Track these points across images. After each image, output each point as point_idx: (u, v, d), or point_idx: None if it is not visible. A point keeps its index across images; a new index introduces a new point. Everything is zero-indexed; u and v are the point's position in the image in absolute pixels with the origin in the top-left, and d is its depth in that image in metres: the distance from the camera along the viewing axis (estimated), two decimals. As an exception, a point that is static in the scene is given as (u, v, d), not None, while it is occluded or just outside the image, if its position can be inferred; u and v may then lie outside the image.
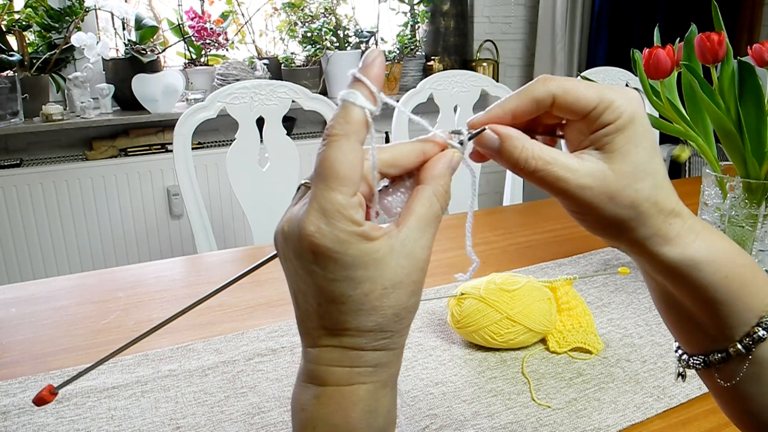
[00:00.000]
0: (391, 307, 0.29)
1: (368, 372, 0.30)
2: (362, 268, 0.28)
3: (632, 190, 0.31)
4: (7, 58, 1.91)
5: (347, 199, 0.28)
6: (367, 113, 0.29)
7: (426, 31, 2.73)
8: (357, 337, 0.29)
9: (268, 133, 1.33)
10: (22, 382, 0.60)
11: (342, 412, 0.30)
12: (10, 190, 1.96)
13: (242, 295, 0.81)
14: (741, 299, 0.32)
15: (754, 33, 2.73)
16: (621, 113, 0.31)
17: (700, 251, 0.32)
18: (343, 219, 0.28)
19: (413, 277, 0.30)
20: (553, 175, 0.31)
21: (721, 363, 0.33)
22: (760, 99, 0.63)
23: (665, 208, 0.32)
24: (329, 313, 0.29)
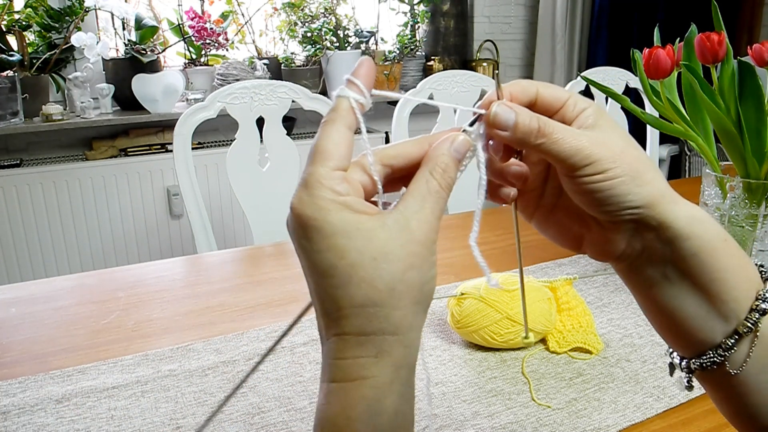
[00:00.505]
0: (381, 279, 0.28)
1: (370, 363, 0.29)
2: (345, 236, 0.28)
3: (633, 148, 0.33)
4: (7, 58, 1.91)
5: (327, 171, 0.29)
6: (352, 102, 0.31)
7: (426, 31, 2.73)
8: (351, 318, 0.28)
9: (268, 133, 1.33)
10: (22, 382, 0.60)
11: (344, 412, 0.29)
12: (10, 190, 1.96)
13: (242, 295, 0.81)
14: (740, 266, 0.33)
15: (754, 33, 2.73)
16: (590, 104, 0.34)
17: (701, 211, 0.33)
18: (322, 188, 0.29)
19: (408, 249, 0.29)
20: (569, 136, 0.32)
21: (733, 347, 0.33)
22: (760, 99, 0.63)
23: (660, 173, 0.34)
24: (323, 291, 0.29)
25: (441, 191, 0.31)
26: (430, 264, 0.30)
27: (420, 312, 0.30)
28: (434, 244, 0.30)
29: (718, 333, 0.33)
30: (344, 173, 0.30)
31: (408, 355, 0.30)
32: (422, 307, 0.30)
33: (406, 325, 0.29)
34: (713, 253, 0.32)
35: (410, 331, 0.30)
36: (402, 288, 0.29)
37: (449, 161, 0.32)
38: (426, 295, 0.30)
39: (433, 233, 0.30)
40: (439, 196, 0.31)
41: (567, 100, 0.34)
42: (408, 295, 0.29)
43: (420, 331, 0.31)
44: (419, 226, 0.30)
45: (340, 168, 0.30)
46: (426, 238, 0.30)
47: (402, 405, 0.30)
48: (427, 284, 0.30)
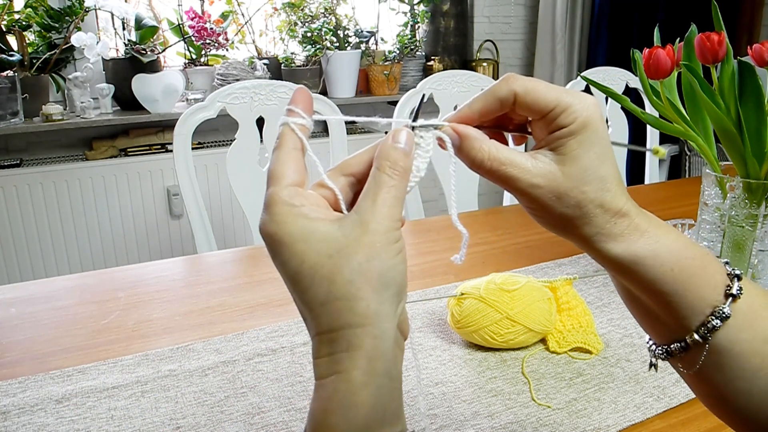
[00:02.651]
0: (339, 273, 0.29)
1: (342, 357, 0.29)
2: (303, 242, 0.30)
3: (579, 192, 0.33)
4: (7, 58, 1.91)
5: (281, 189, 0.31)
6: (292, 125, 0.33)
7: (426, 31, 2.73)
8: (321, 316, 0.30)
9: (268, 133, 1.33)
10: (22, 382, 0.60)
11: (322, 406, 0.30)
12: (10, 190, 1.96)
13: (242, 295, 0.81)
14: (690, 290, 0.33)
15: (754, 33, 2.73)
16: (576, 118, 0.33)
17: (643, 248, 0.33)
18: (277, 204, 0.31)
19: (362, 241, 0.30)
20: (506, 175, 0.34)
21: (681, 352, 0.34)
22: (760, 99, 0.63)
23: (611, 209, 0.33)
24: (297, 297, 0.31)
25: (391, 180, 0.32)
26: (390, 252, 0.30)
27: (386, 300, 0.30)
28: (393, 231, 0.31)
29: (669, 338, 0.35)
30: (297, 189, 0.32)
31: (380, 345, 0.30)
32: (388, 294, 0.30)
33: (372, 314, 0.30)
34: (655, 282, 0.33)
35: (379, 321, 0.30)
36: (360, 279, 0.30)
37: (394, 153, 0.33)
38: (390, 282, 0.30)
39: (388, 221, 0.31)
40: (389, 186, 0.32)
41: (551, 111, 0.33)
42: (368, 285, 0.30)
43: (393, 320, 0.31)
44: (372, 218, 0.31)
45: (293, 184, 0.32)
46: (381, 226, 0.31)
47: (380, 398, 0.30)
48: (390, 271, 0.30)
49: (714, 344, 0.33)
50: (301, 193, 0.32)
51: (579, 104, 0.33)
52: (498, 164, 0.34)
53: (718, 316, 0.33)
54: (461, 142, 0.35)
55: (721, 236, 0.70)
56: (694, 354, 0.34)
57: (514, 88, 0.34)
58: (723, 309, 0.33)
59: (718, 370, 0.34)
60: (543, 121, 0.34)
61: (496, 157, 0.34)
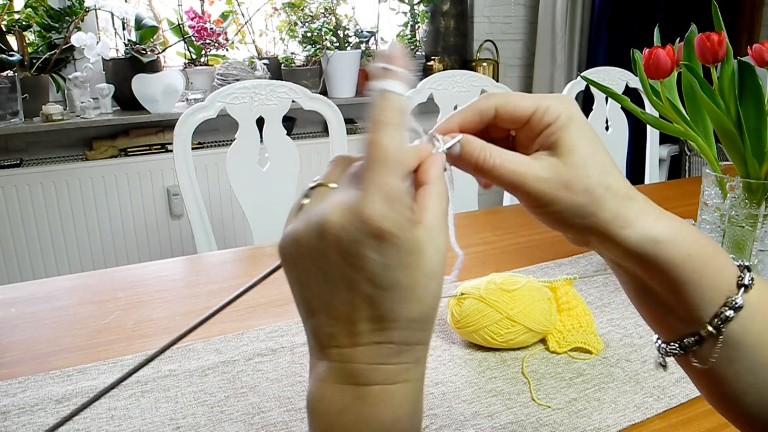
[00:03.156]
0: (432, 297, 0.30)
1: (410, 368, 0.30)
2: (413, 254, 0.29)
3: (584, 177, 0.33)
4: (7, 58, 1.91)
5: (401, 184, 0.29)
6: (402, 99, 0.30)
7: (426, 31, 2.73)
8: (404, 329, 0.29)
9: (268, 133, 1.33)
10: (22, 382, 0.60)
11: (391, 411, 0.30)
12: (10, 190, 1.96)
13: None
14: (706, 278, 0.33)
15: (754, 33, 2.73)
16: (559, 114, 0.34)
17: (661, 231, 0.33)
18: (401, 203, 0.28)
19: (442, 269, 0.30)
20: (510, 171, 0.33)
21: (695, 346, 0.34)
22: (760, 99, 0.63)
23: (619, 192, 0.33)
24: (381, 303, 0.29)
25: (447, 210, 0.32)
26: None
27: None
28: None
29: (681, 331, 0.35)
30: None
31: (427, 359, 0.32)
32: None
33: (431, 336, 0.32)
34: (671, 269, 0.33)
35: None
36: (437, 305, 0.30)
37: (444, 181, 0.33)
38: None
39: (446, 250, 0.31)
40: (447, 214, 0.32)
41: (533, 113, 0.34)
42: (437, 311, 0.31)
43: None
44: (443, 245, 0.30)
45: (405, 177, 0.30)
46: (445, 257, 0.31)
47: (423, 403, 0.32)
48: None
49: (727, 337, 0.33)
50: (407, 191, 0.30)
51: (557, 102, 0.34)
52: (501, 161, 0.34)
53: (731, 306, 0.33)
54: (463, 148, 0.35)
55: (721, 236, 0.70)
56: (708, 347, 0.34)
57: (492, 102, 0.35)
58: (736, 299, 0.33)
59: (729, 364, 0.34)
60: (527, 127, 0.35)
61: (499, 155, 0.34)
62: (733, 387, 0.34)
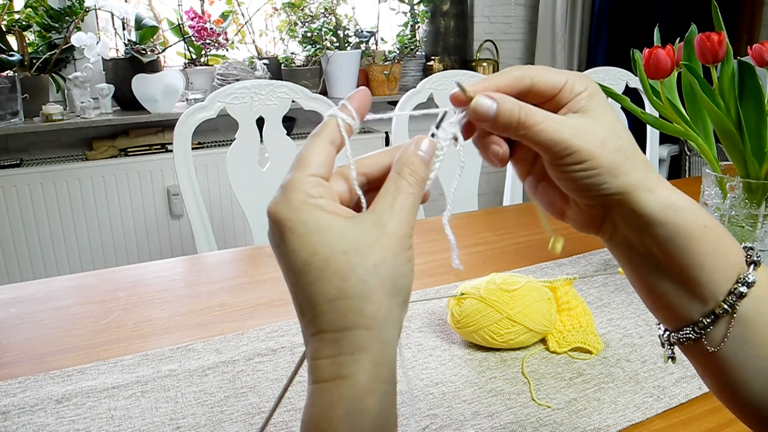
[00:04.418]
0: (353, 271, 0.29)
1: (348, 361, 0.29)
2: (317, 234, 0.29)
3: (617, 137, 0.34)
4: (7, 58, 1.91)
5: (303, 176, 0.31)
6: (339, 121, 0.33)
7: (426, 31, 2.73)
8: (327, 313, 0.29)
9: (268, 133, 1.33)
10: (22, 382, 0.60)
11: (325, 412, 0.29)
12: (10, 190, 1.96)
13: (242, 295, 0.81)
14: (720, 252, 0.33)
15: (754, 33, 2.73)
16: (587, 86, 0.35)
17: (680, 199, 0.34)
18: (296, 191, 0.30)
19: (380, 243, 0.30)
20: (550, 127, 0.33)
21: (709, 326, 0.34)
22: (760, 99, 0.63)
23: (642, 159, 0.34)
24: (299, 289, 0.30)
25: (410, 188, 0.32)
26: (404, 258, 0.30)
27: (395, 306, 0.30)
28: (408, 238, 0.31)
29: (695, 312, 0.35)
30: (320, 179, 0.31)
31: (386, 351, 0.30)
32: (397, 301, 0.30)
33: (381, 318, 0.29)
34: (689, 238, 0.33)
35: (386, 326, 0.30)
36: (374, 280, 0.29)
37: (416, 160, 0.33)
38: (400, 289, 0.30)
39: (405, 227, 0.31)
40: (408, 192, 0.32)
41: (564, 85, 0.35)
42: (380, 288, 0.29)
43: (398, 327, 0.31)
44: (390, 221, 0.31)
45: (317, 175, 0.31)
46: (398, 231, 0.30)
47: (384, 404, 0.30)
48: (401, 278, 0.30)
49: (739, 315, 0.33)
50: (323, 184, 0.31)
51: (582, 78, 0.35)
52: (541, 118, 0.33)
53: (743, 282, 0.33)
54: (499, 107, 0.34)
55: (721, 236, 0.70)
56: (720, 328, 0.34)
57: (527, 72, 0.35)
58: (748, 275, 0.33)
59: (740, 345, 0.34)
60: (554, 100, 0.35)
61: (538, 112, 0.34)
62: (740, 373, 0.34)
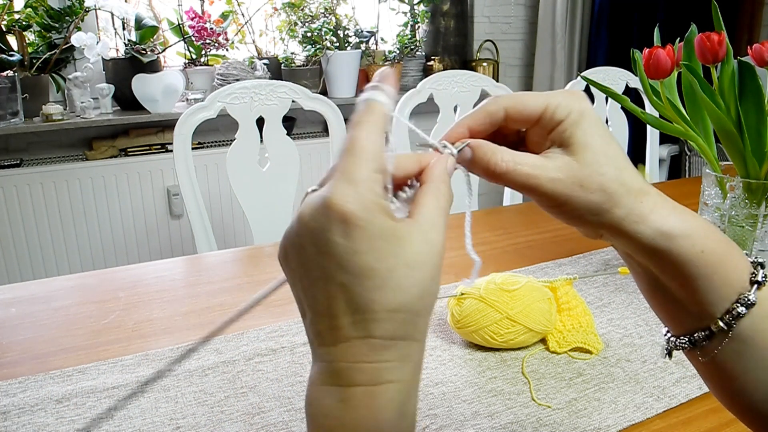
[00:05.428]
0: (414, 287, 0.29)
1: (395, 368, 0.29)
2: (385, 240, 0.28)
3: (598, 175, 0.33)
4: (7, 58, 1.91)
5: (371, 173, 0.29)
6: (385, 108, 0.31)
7: (426, 31, 2.73)
8: (384, 321, 0.28)
9: (268, 133, 1.33)
10: (22, 382, 0.60)
11: (372, 415, 0.28)
12: (10, 190, 1.96)
13: (242, 295, 0.81)
14: (718, 274, 0.33)
15: (754, 33, 2.73)
16: (570, 110, 0.34)
17: (675, 226, 0.33)
18: (367, 189, 0.28)
19: (432, 261, 0.30)
20: (524, 174, 0.33)
21: (704, 341, 0.34)
22: (760, 99, 0.63)
23: (633, 188, 0.34)
24: (355, 292, 0.28)
25: (447, 206, 0.32)
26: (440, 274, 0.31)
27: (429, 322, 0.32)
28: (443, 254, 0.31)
29: (692, 325, 0.35)
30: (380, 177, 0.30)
31: (421, 359, 0.31)
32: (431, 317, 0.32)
33: (425, 332, 0.31)
34: (684, 264, 0.33)
35: (425, 339, 0.31)
36: (428, 297, 0.30)
37: (448, 179, 0.33)
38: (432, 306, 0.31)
39: (443, 245, 0.31)
40: (446, 211, 0.32)
41: (542, 112, 0.34)
42: (431, 304, 0.30)
43: None
44: (437, 238, 0.30)
45: (379, 171, 0.30)
46: (441, 250, 0.31)
47: (416, 406, 0.31)
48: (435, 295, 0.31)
49: (737, 332, 0.33)
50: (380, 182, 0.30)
51: (567, 99, 0.34)
52: (513, 165, 0.34)
53: (743, 303, 0.33)
54: (474, 153, 0.34)
55: (721, 236, 0.70)
56: (717, 342, 0.34)
57: (501, 103, 0.35)
58: (748, 296, 0.33)
59: (738, 359, 0.34)
60: (538, 125, 0.34)
61: (510, 159, 0.34)
62: (741, 382, 0.34)
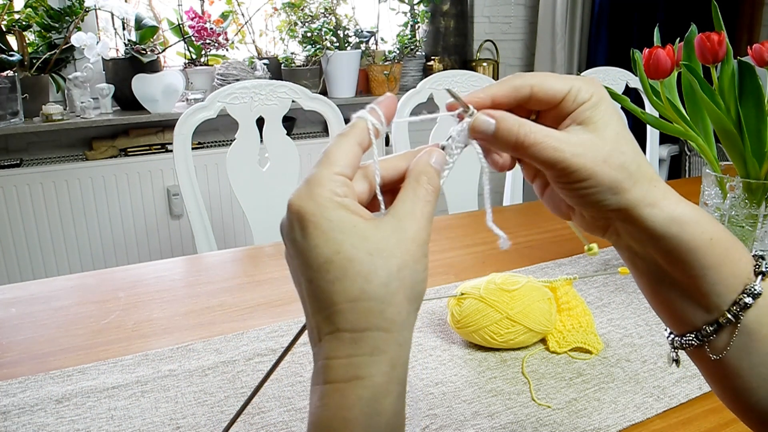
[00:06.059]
0: (376, 274, 0.29)
1: (365, 363, 0.29)
2: (341, 232, 0.29)
3: (620, 153, 0.33)
4: (7, 58, 1.91)
5: (330, 174, 0.31)
6: (369, 124, 0.33)
7: (426, 31, 2.73)
8: (346, 313, 0.29)
9: (268, 133, 1.33)
10: (22, 382, 0.60)
11: (340, 413, 0.28)
12: (10, 190, 1.96)
13: (242, 295, 0.81)
14: (726, 264, 0.33)
15: (754, 33, 2.73)
16: (592, 93, 0.34)
17: (685, 212, 0.33)
18: (322, 187, 0.30)
19: (402, 247, 0.30)
20: (550, 147, 0.33)
21: (712, 335, 0.34)
22: (760, 99, 0.63)
23: (647, 174, 0.34)
24: (318, 286, 0.29)
25: (428, 195, 0.32)
26: (422, 265, 0.31)
27: (412, 311, 0.31)
28: (426, 245, 0.31)
29: (699, 320, 0.35)
30: (346, 179, 0.31)
31: (402, 353, 0.30)
32: (414, 307, 0.31)
33: (400, 321, 0.30)
34: (693, 252, 0.33)
35: (403, 329, 0.30)
36: (396, 284, 0.29)
37: (431, 171, 0.33)
38: (417, 295, 0.31)
39: (424, 234, 0.31)
40: (426, 200, 0.32)
41: (566, 94, 0.34)
42: (401, 292, 0.30)
43: (412, 330, 0.31)
44: (411, 226, 0.31)
45: (343, 174, 0.31)
46: (418, 237, 0.31)
47: (398, 406, 0.30)
48: (419, 284, 0.31)
49: (743, 325, 0.33)
50: (348, 184, 0.31)
51: (589, 84, 0.35)
52: (541, 137, 0.33)
53: (749, 293, 0.33)
54: (498, 125, 0.34)
55: (721, 236, 0.70)
56: (724, 337, 0.34)
57: (528, 81, 0.34)
58: (754, 286, 0.33)
59: (745, 354, 0.34)
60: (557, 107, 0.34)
61: (536, 131, 0.33)
62: (745, 380, 0.34)
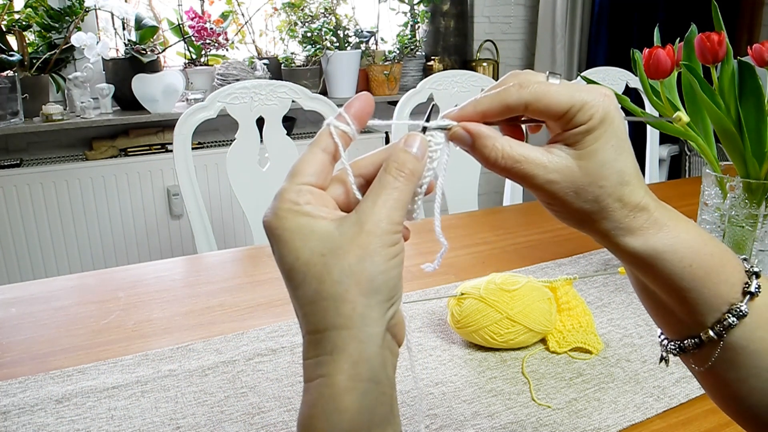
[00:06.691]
0: (329, 273, 0.29)
1: (325, 361, 0.29)
2: (300, 239, 0.30)
3: (596, 187, 0.33)
4: (7, 58, 1.91)
5: (291, 186, 0.31)
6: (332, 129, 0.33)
7: (426, 31, 2.73)
8: (309, 315, 0.30)
9: (268, 133, 1.33)
10: (22, 382, 0.60)
11: (308, 411, 0.29)
12: (10, 190, 1.96)
13: (242, 295, 0.81)
14: (708, 287, 0.33)
15: (754, 33, 2.73)
16: (592, 114, 0.32)
17: (662, 242, 0.33)
18: (282, 200, 0.31)
19: (357, 242, 0.30)
20: (522, 172, 0.33)
21: (694, 349, 0.34)
22: (760, 99, 0.63)
23: (630, 203, 0.33)
24: (290, 295, 0.31)
25: (395, 182, 0.32)
26: (384, 255, 0.30)
27: (375, 305, 0.30)
28: (389, 234, 0.30)
29: (684, 332, 0.35)
30: (311, 188, 0.32)
31: (365, 350, 0.29)
32: (377, 300, 0.30)
33: (357, 317, 0.29)
34: (670, 277, 0.33)
35: (365, 325, 0.29)
36: (349, 280, 0.29)
37: (402, 155, 0.33)
38: (379, 287, 0.30)
39: (386, 223, 0.30)
40: (393, 187, 0.31)
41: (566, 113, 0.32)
42: (356, 287, 0.29)
43: (380, 325, 0.30)
44: (368, 218, 0.30)
45: (307, 183, 0.32)
46: (376, 228, 0.30)
47: (365, 403, 0.29)
48: (380, 275, 0.30)
49: (729, 342, 0.33)
50: (311, 191, 0.32)
51: (594, 100, 0.32)
52: (512, 162, 0.33)
53: (735, 314, 0.33)
54: (473, 141, 0.34)
55: (721, 236, 0.70)
56: (708, 351, 0.34)
57: (523, 96, 0.33)
58: (740, 307, 0.33)
59: (731, 367, 0.34)
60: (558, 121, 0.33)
61: (510, 155, 0.33)
62: (735, 389, 0.34)
